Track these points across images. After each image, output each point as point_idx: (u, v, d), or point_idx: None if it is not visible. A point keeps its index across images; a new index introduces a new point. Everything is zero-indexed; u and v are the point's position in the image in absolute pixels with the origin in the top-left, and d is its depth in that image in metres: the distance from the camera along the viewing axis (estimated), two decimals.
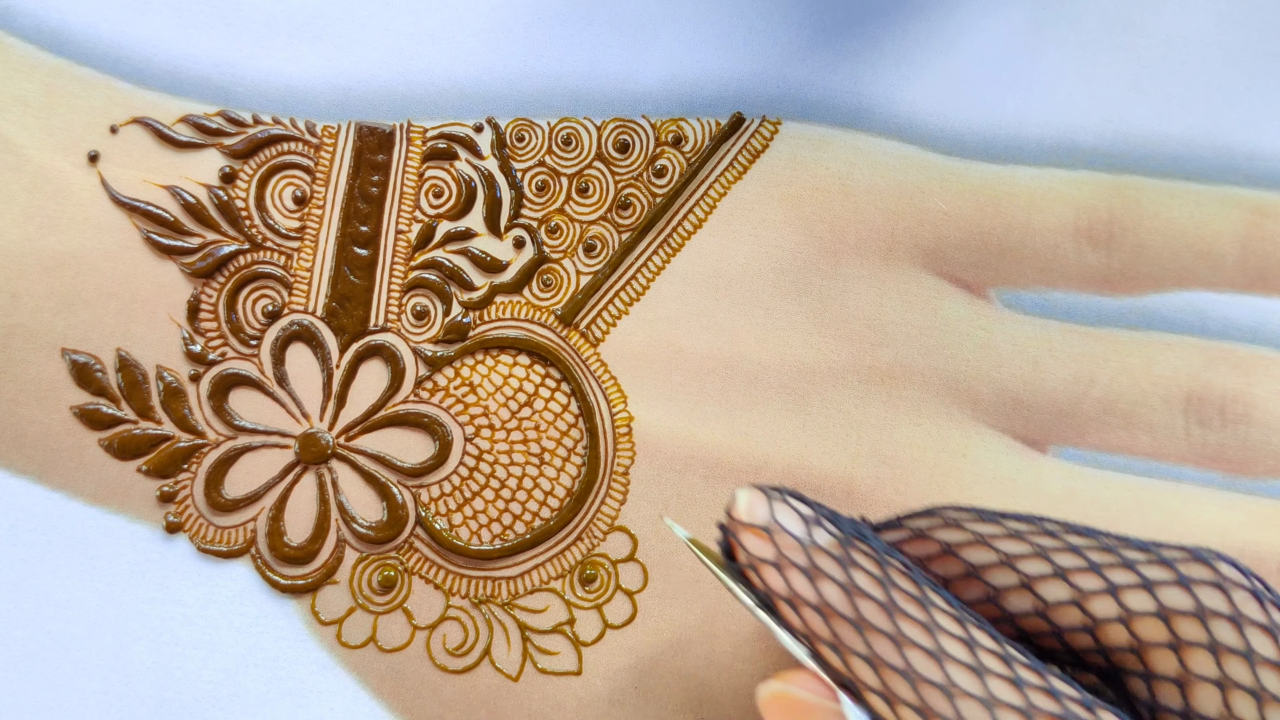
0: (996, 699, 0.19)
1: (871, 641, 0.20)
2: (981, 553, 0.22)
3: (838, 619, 0.20)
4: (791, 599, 0.21)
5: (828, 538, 0.21)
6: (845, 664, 0.20)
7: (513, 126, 0.30)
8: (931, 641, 0.20)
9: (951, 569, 0.22)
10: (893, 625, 0.20)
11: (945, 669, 0.19)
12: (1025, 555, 0.21)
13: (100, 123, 0.29)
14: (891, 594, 0.20)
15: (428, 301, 0.29)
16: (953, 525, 0.22)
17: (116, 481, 0.28)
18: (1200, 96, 0.30)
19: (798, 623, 0.21)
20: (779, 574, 0.21)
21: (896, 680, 0.20)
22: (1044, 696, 0.19)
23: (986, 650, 0.20)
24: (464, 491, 0.29)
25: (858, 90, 0.30)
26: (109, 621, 0.28)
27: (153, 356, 0.29)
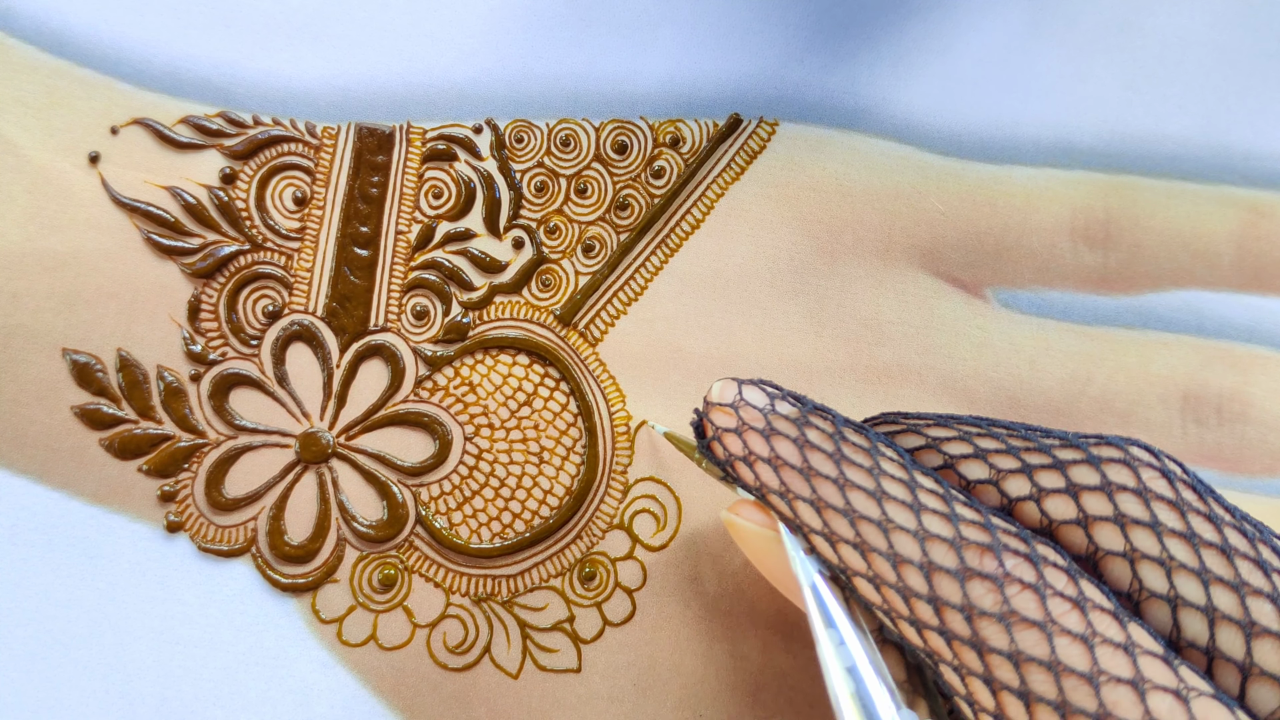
0: (929, 532, 0.20)
1: (817, 486, 0.21)
2: (911, 438, 0.23)
3: (787, 469, 0.22)
4: (746, 456, 0.22)
5: (789, 408, 0.23)
6: (792, 510, 0.22)
7: (512, 128, 0.30)
8: (873, 483, 0.21)
9: (911, 444, 0.23)
10: (838, 470, 0.21)
11: (883, 506, 0.21)
12: (950, 439, 0.22)
13: (101, 124, 0.29)
14: (840, 446, 0.22)
15: (427, 301, 0.29)
16: (891, 421, 0.23)
17: (117, 481, 0.28)
18: (1197, 97, 0.30)
19: (750, 479, 0.22)
20: (738, 438, 0.22)
21: (837, 519, 0.21)
22: (976, 530, 0.20)
23: (926, 490, 0.21)
24: (464, 490, 0.29)
25: (855, 91, 0.30)
26: (110, 620, 0.28)
27: (153, 356, 0.29)
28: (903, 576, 0.20)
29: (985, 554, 0.20)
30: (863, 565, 0.20)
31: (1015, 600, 0.19)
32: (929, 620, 0.20)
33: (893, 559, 0.20)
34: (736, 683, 0.28)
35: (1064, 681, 0.18)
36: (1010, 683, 0.19)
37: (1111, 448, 0.21)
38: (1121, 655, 0.18)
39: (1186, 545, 0.20)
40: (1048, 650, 0.18)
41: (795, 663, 0.28)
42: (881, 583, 0.20)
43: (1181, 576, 0.20)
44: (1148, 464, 0.21)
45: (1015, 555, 0.20)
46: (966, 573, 0.19)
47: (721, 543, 0.29)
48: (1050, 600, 0.19)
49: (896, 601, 0.20)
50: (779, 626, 0.28)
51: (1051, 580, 0.19)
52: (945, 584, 0.19)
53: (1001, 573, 0.19)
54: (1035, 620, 0.19)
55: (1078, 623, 0.19)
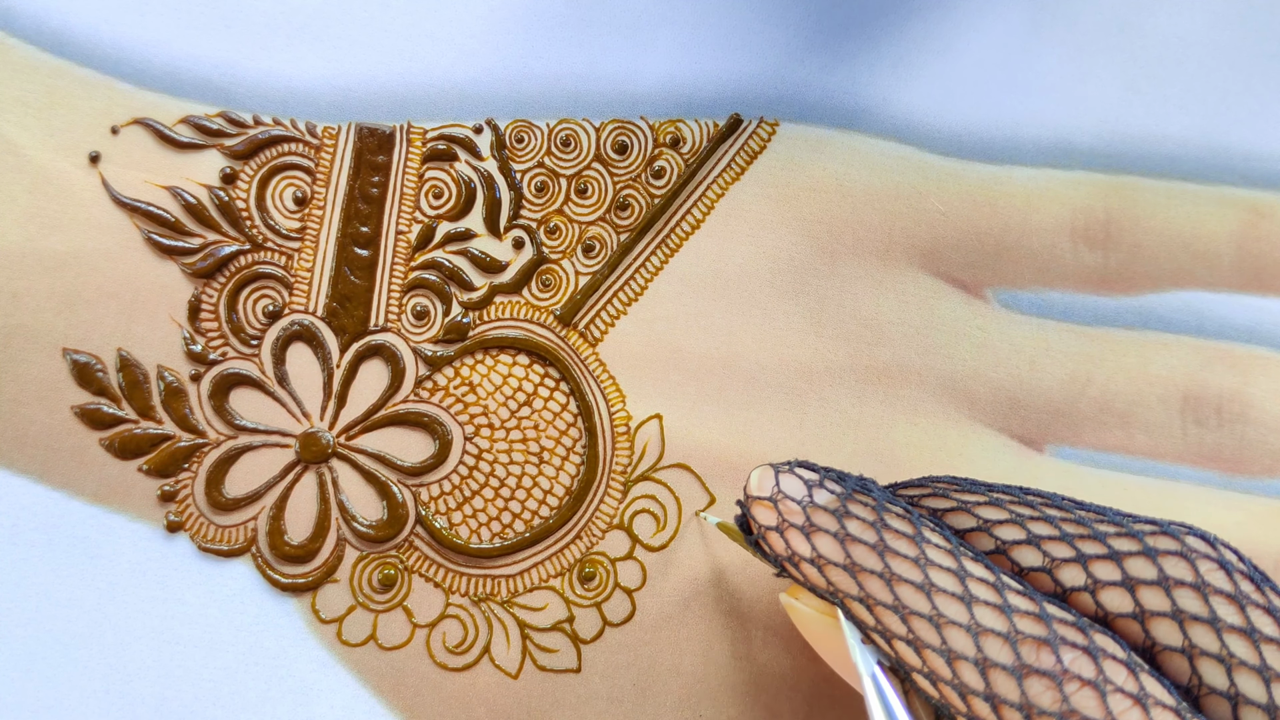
0: (981, 626, 0.20)
1: (863, 583, 0.21)
2: (962, 518, 0.22)
3: (831, 567, 0.21)
4: (792, 556, 0.22)
5: (827, 496, 0.22)
6: (844, 607, 0.21)
7: (512, 128, 0.30)
8: (920, 575, 0.21)
9: (961, 524, 0.23)
10: (882, 564, 0.21)
11: (933, 600, 0.20)
12: (1002, 521, 0.22)
13: (101, 124, 0.29)
14: (883, 535, 0.21)
15: (428, 302, 0.29)
16: (940, 495, 0.23)
17: (117, 481, 0.28)
18: (1197, 97, 0.30)
19: (799, 577, 0.22)
20: (780, 536, 0.22)
21: (888, 615, 0.21)
22: (1031, 621, 0.20)
23: (977, 580, 0.20)
24: (464, 490, 0.29)
25: (855, 92, 0.30)
26: (110, 620, 0.28)
27: (154, 356, 0.29)
28: (958, 673, 0.20)
29: (1042, 648, 0.19)
30: (917, 661, 0.20)
31: (1075, 698, 0.19)
32: (986, 717, 0.19)
33: (946, 655, 0.20)
34: (736, 683, 0.28)
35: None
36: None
37: (1168, 538, 0.21)
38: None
39: (1246, 641, 0.20)
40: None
41: (795, 663, 0.28)
42: (937, 678, 0.20)
43: (1242, 674, 0.20)
44: (1204, 555, 0.20)
45: (1073, 648, 0.19)
46: (1023, 670, 0.19)
47: (721, 543, 0.29)
48: (1110, 697, 0.19)
49: (953, 697, 0.20)
50: (779, 627, 0.28)
51: (1111, 675, 0.19)
52: (1002, 681, 0.19)
53: (1060, 669, 0.19)
54: (1095, 719, 0.19)
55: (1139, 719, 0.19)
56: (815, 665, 0.28)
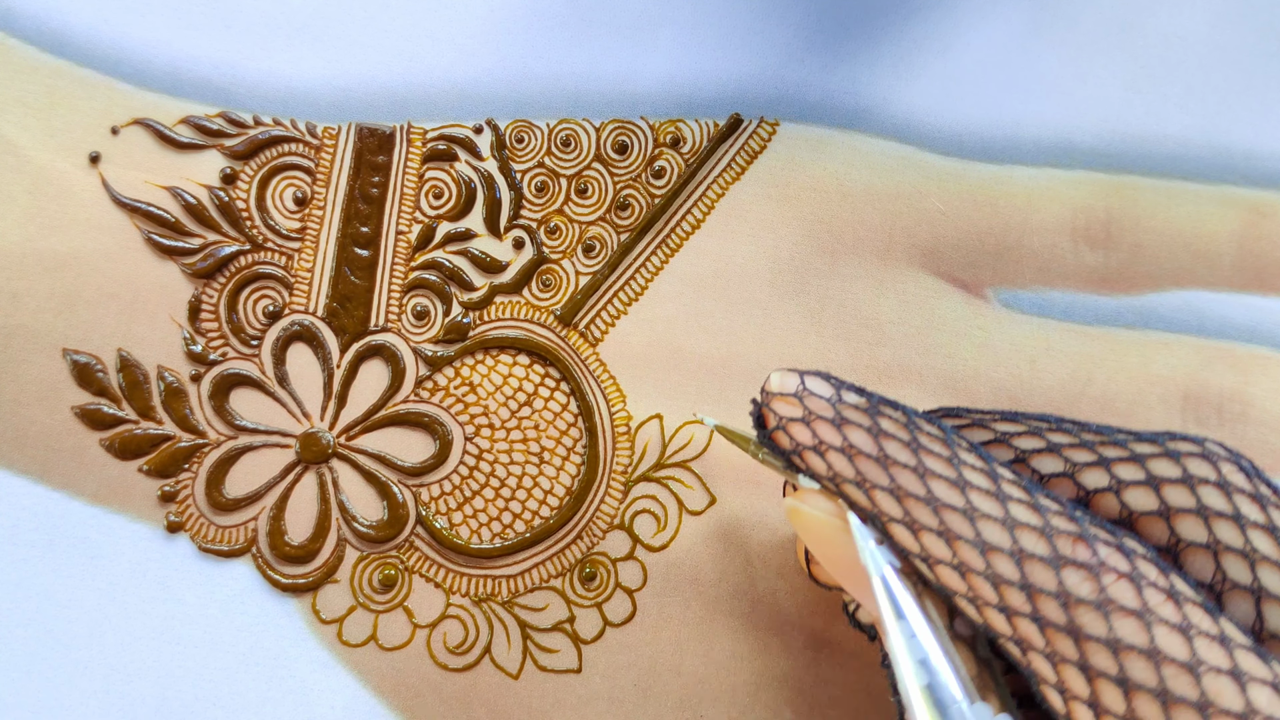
0: (1016, 520, 0.20)
1: (895, 475, 0.21)
2: (978, 433, 0.23)
3: (862, 458, 0.21)
4: (818, 446, 0.22)
5: (855, 398, 0.22)
6: (869, 499, 0.21)
7: (512, 128, 0.30)
8: (954, 472, 0.21)
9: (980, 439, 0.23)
10: (916, 459, 0.21)
11: (967, 495, 0.20)
12: (1019, 433, 0.22)
13: (101, 124, 0.29)
14: (916, 435, 0.21)
15: (428, 302, 0.29)
16: (955, 415, 0.23)
17: (118, 481, 0.28)
18: (1197, 97, 0.30)
19: (823, 468, 0.22)
20: (806, 427, 0.22)
21: (919, 508, 0.21)
22: (1064, 519, 0.20)
23: (1008, 481, 0.21)
24: (464, 490, 0.29)
25: (855, 91, 0.30)
26: (110, 620, 0.28)
27: (154, 357, 0.29)
28: (991, 564, 0.20)
29: (1078, 543, 0.19)
30: (947, 553, 0.20)
31: (1112, 589, 0.19)
32: (1020, 607, 0.19)
33: (981, 546, 0.20)
34: (737, 683, 0.28)
35: (1164, 670, 0.18)
36: (1108, 670, 0.19)
37: (1189, 442, 0.21)
38: (1219, 647, 0.18)
39: (1269, 537, 0.20)
40: (1147, 639, 0.19)
41: (796, 664, 0.28)
42: (968, 570, 0.20)
43: (1265, 568, 0.20)
44: (1225, 458, 0.21)
45: (1107, 545, 0.19)
46: (1061, 560, 0.19)
47: (722, 543, 0.29)
48: (1146, 590, 0.19)
49: (984, 589, 0.20)
50: (780, 627, 0.28)
51: (1144, 571, 0.19)
52: (1039, 571, 0.19)
53: (1096, 561, 0.19)
54: (1133, 609, 0.19)
55: (1173, 613, 0.19)
56: (815, 666, 0.28)
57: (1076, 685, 0.19)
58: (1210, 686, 0.18)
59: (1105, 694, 0.19)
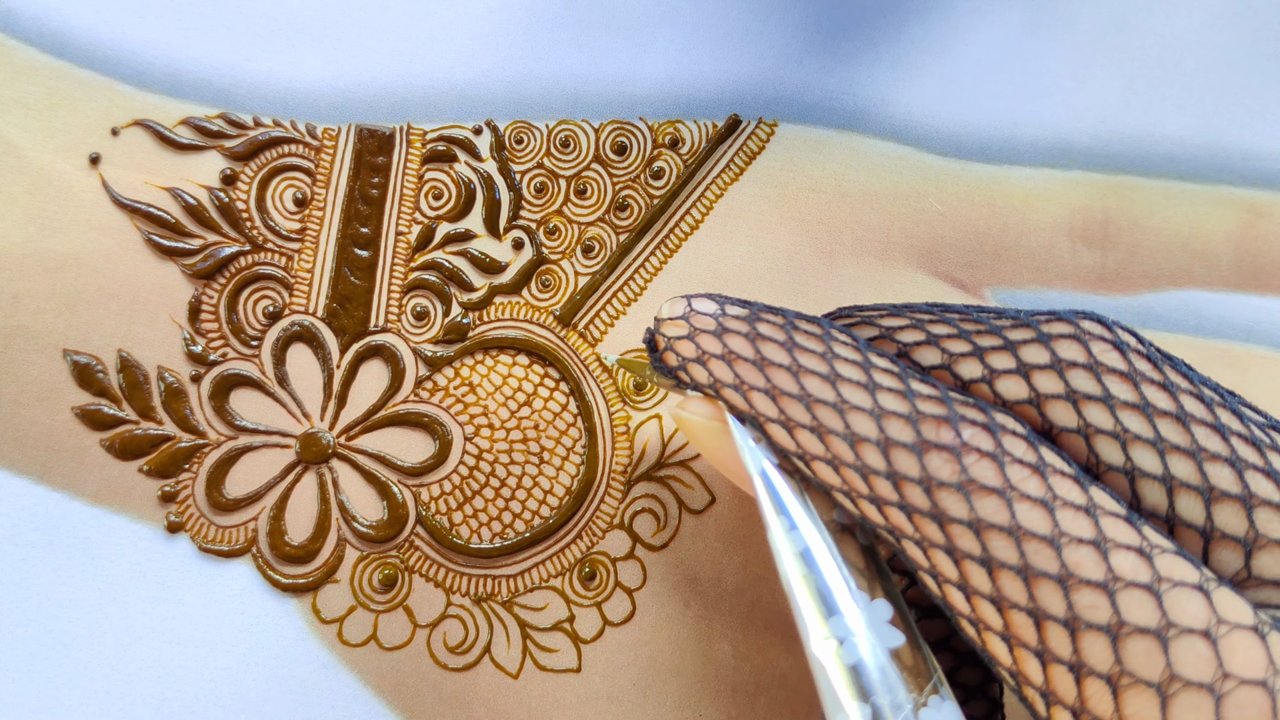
0: (884, 409, 0.20)
1: (770, 375, 0.21)
2: (866, 329, 0.23)
3: (740, 361, 0.21)
4: (700, 357, 0.22)
5: (738, 309, 0.22)
6: (747, 400, 0.21)
7: (511, 129, 0.30)
8: (826, 367, 0.21)
9: (864, 334, 0.23)
10: (790, 358, 0.21)
11: (838, 389, 0.20)
12: (902, 327, 0.22)
13: (101, 125, 0.29)
14: (792, 335, 0.21)
15: (427, 302, 0.29)
16: (844, 315, 0.23)
17: (118, 482, 0.28)
18: (1195, 97, 0.30)
19: (704, 377, 0.22)
20: (690, 342, 0.22)
21: (792, 405, 0.21)
22: (933, 404, 0.20)
23: (881, 370, 0.21)
24: (464, 490, 0.29)
25: (854, 92, 0.30)
26: (111, 621, 0.28)
27: (154, 357, 0.29)
28: (860, 455, 0.20)
29: (942, 426, 0.19)
30: (820, 448, 0.20)
31: (973, 469, 0.19)
32: (888, 496, 0.19)
33: (850, 439, 0.20)
34: (737, 683, 0.28)
35: (1025, 545, 0.18)
36: (972, 551, 0.19)
37: (1063, 323, 0.21)
38: (1083, 517, 0.18)
39: (1140, 416, 0.20)
40: (1008, 516, 0.18)
41: (795, 663, 0.28)
42: (840, 464, 0.20)
43: (1137, 448, 0.20)
44: (1099, 337, 0.21)
45: (972, 425, 0.19)
46: (923, 445, 0.19)
47: (722, 543, 0.28)
48: (1009, 467, 0.19)
49: (856, 481, 0.20)
50: (780, 627, 0.28)
51: (1010, 448, 0.19)
52: (902, 458, 0.19)
53: (959, 443, 0.19)
54: (994, 487, 0.19)
55: (1037, 488, 0.19)
56: None
57: (946, 568, 0.19)
58: (1070, 557, 0.18)
59: (972, 575, 0.19)
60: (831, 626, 0.20)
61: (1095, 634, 0.18)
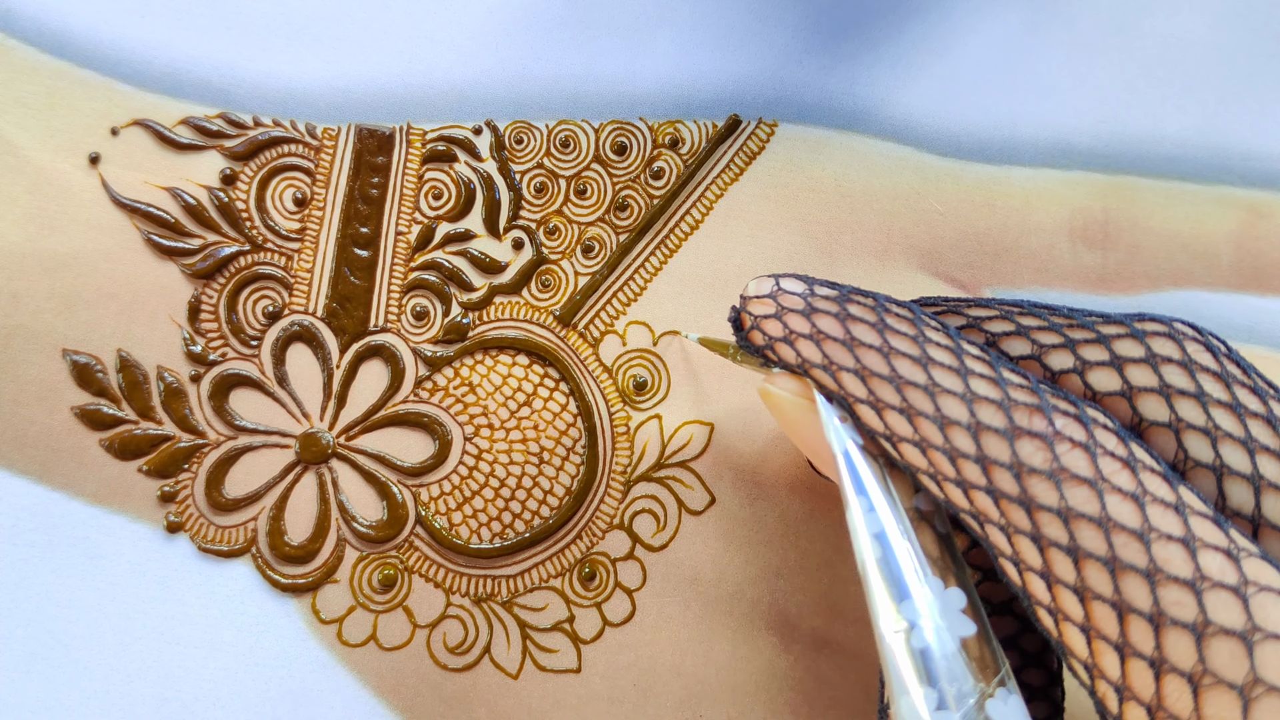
0: (975, 394, 0.20)
1: (860, 355, 0.21)
2: (952, 319, 0.23)
3: (829, 341, 0.21)
4: (788, 336, 0.22)
5: (827, 290, 0.22)
6: (836, 381, 0.21)
7: (511, 129, 0.30)
8: (918, 350, 0.21)
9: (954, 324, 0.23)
10: (881, 339, 0.21)
11: (929, 372, 0.20)
12: (991, 317, 0.22)
13: (101, 125, 0.29)
14: (883, 317, 0.21)
15: (427, 302, 0.29)
16: (930, 303, 0.23)
17: (117, 481, 0.28)
18: (1195, 98, 0.30)
19: (792, 356, 0.22)
20: (778, 321, 0.22)
21: (882, 386, 0.21)
22: (1024, 392, 0.20)
23: (973, 357, 0.21)
24: (464, 490, 0.29)
25: (854, 92, 0.30)
26: (110, 621, 0.28)
27: (153, 357, 0.29)
28: (950, 438, 0.20)
29: (1034, 414, 0.19)
30: (909, 430, 0.20)
31: (1065, 458, 0.19)
32: (976, 480, 0.19)
33: (940, 421, 0.20)
34: (737, 683, 0.28)
35: (1114, 537, 0.18)
36: (1059, 539, 0.18)
37: (1156, 323, 0.21)
38: (1173, 514, 0.18)
39: (1232, 415, 0.20)
40: (1098, 507, 0.18)
41: (795, 663, 0.28)
42: (928, 446, 0.20)
43: (1227, 446, 0.20)
44: (1192, 338, 0.21)
45: (1064, 416, 0.19)
46: (1015, 431, 0.19)
47: (721, 543, 0.28)
48: (1101, 459, 0.19)
49: (943, 464, 0.20)
50: (779, 627, 0.28)
51: (1102, 440, 0.19)
52: (993, 443, 0.19)
53: (1051, 431, 0.19)
54: (1086, 477, 0.18)
55: (1128, 481, 0.18)
56: (816, 666, 0.28)
57: (1030, 556, 0.19)
58: (1159, 553, 0.18)
59: (1056, 563, 0.18)
60: (903, 610, 0.20)
61: (1180, 631, 0.17)
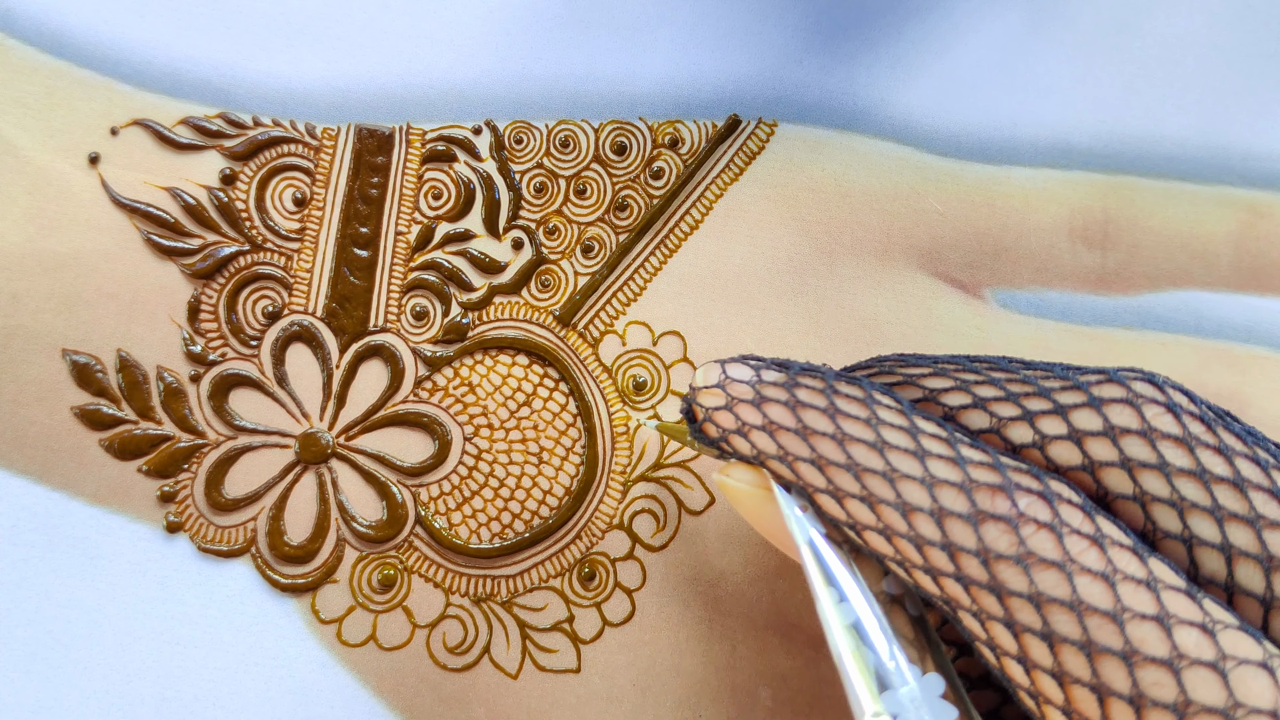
0: (935, 477, 0.19)
1: (815, 444, 0.21)
2: (910, 390, 0.22)
3: (782, 432, 0.21)
4: (740, 428, 0.22)
5: (775, 374, 0.22)
6: (794, 472, 0.21)
7: (511, 129, 0.30)
8: (873, 434, 0.20)
9: (910, 395, 0.22)
10: (834, 425, 0.21)
11: (886, 456, 0.20)
12: (948, 389, 0.22)
13: (101, 125, 0.29)
14: (834, 400, 0.21)
15: (427, 302, 0.29)
16: (886, 372, 0.23)
17: (117, 481, 0.28)
18: (1195, 97, 0.30)
19: (747, 449, 0.21)
20: (729, 413, 0.22)
21: (840, 475, 0.20)
22: (986, 470, 0.19)
23: (929, 435, 0.20)
24: (463, 490, 0.29)
25: (854, 92, 0.30)
26: (110, 621, 0.28)
27: (153, 357, 0.28)
28: (914, 525, 0.19)
29: (997, 495, 0.19)
30: (872, 518, 0.20)
31: (1031, 541, 0.18)
32: (944, 567, 0.19)
33: (901, 508, 0.19)
34: (736, 683, 0.28)
35: (1087, 620, 0.18)
36: (1032, 625, 0.18)
37: (1114, 385, 0.20)
38: (1145, 591, 0.18)
39: (1197, 483, 0.19)
40: (1069, 590, 0.18)
41: (795, 664, 0.28)
42: (893, 534, 0.20)
43: (1194, 516, 0.19)
44: (1151, 399, 0.20)
45: (1028, 494, 0.19)
46: (979, 515, 0.19)
47: (721, 543, 0.28)
48: (1068, 539, 0.18)
49: (909, 551, 0.19)
50: (779, 627, 0.28)
51: (1067, 518, 0.19)
52: (958, 529, 0.19)
53: (1015, 513, 0.19)
54: (1054, 560, 0.18)
55: (1097, 560, 0.18)
56: (815, 666, 0.28)
57: (1005, 641, 0.19)
58: (1134, 634, 0.18)
59: (1032, 649, 0.18)
60: (884, 702, 0.19)
61: (1161, 712, 0.17)
